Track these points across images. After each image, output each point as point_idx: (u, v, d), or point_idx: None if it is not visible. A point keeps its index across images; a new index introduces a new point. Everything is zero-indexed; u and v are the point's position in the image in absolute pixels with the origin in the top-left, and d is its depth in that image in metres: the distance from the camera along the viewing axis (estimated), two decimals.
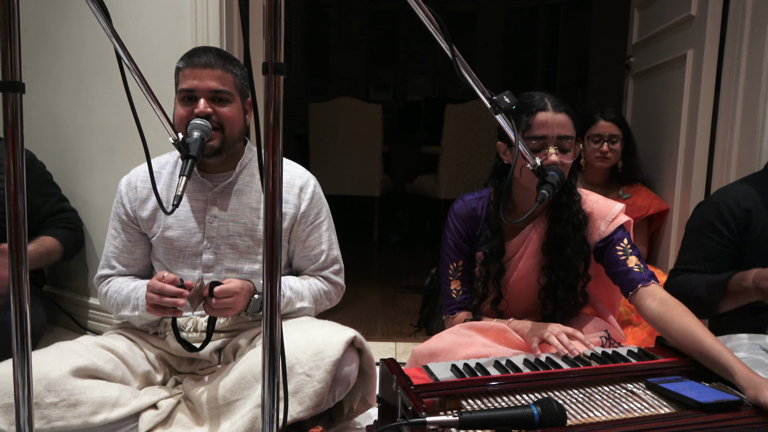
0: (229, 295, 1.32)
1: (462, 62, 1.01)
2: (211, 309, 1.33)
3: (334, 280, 1.60)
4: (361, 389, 1.46)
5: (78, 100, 2.22)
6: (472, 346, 1.31)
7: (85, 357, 1.33)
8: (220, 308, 1.32)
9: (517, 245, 1.47)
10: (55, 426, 1.24)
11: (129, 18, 2.04)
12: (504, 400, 1.06)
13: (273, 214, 0.75)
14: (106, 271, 1.54)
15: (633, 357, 1.23)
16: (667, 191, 2.35)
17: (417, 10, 0.93)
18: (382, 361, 1.20)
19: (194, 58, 1.39)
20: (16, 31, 0.78)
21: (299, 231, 1.53)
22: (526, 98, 1.38)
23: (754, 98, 1.87)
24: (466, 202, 1.51)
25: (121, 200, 1.51)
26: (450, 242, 1.51)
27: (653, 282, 1.32)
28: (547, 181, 1.21)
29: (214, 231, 1.47)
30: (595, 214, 1.46)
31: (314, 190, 1.54)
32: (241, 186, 1.49)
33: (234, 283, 1.34)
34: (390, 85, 6.53)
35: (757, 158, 1.84)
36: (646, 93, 2.67)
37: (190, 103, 1.38)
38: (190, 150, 1.17)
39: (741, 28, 1.91)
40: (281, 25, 0.72)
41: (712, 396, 1.02)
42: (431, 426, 0.89)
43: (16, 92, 0.79)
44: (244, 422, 1.26)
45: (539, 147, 1.34)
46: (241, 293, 1.35)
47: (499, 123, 1.13)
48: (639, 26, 2.76)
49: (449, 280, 1.52)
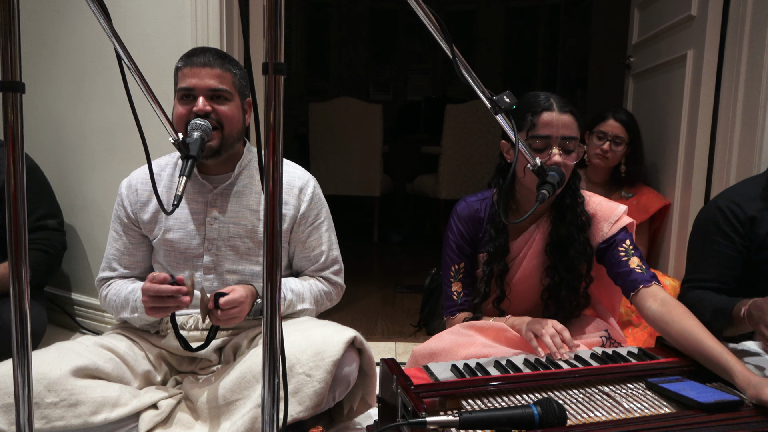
0: (235, 305, 1.33)
1: (462, 62, 1.01)
2: (217, 320, 1.33)
3: (335, 281, 1.60)
4: (361, 389, 1.46)
5: (78, 101, 2.22)
6: (472, 346, 1.31)
7: (85, 357, 1.33)
8: (226, 319, 1.32)
9: (520, 245, 1.47)
10: (55, 426, 1.24)
11: (129, 18, 2.04)
12: (504, 400, 1.06)
13: (273, 215, 0.75)
14: (107, 273, 1.54)
15: (633, 357, 1.23)
16: (668, 191, 2.35)
17: (417, 10, 0.93)
18: (382, 361, 1.20)
19: (193, 57, 1.39)
20: (16, 31, 0.78)
21: (299, 232, 1.53)
22: (533, 98, 1.38)
23: (754, 98, 1.87)
24: (469, 204, 1.51)
25: (122, 203, 1.51)
26: (452, 244, 1.51)
27: (655, 283, 1.32)
28: (547, 181, 1.21)
29: (214, 233, 1.47)
30: (598, 215, 1.46)
31: (314, 191, 1.54)
32: (241, 187, 1.49)
33: (238, 292, 1.34)
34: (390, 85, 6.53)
35: (757, 158, 1.84)
36: (646, 93, 2.66)
37: (189, 101, 1.38)
38: (190, 150, 1.17)
39: (741, 28, 1.91)
40: (281, 25, 0.72)
41: (713, 396, 1.02)
42: (431, 426, 0.89)
43: (16, 92, 0.79)
44: (244, 422, 1.26)
45: (543, 147, 1.34)
46: (246, 301, 1.35)
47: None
48: (639, 26, 2.76)
49: (450, 281, 1.52)
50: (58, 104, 2.28)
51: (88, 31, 2.14)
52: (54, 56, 2.25)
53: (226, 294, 1.33)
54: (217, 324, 1.35)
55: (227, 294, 1.33)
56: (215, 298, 1.32)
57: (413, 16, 0.98)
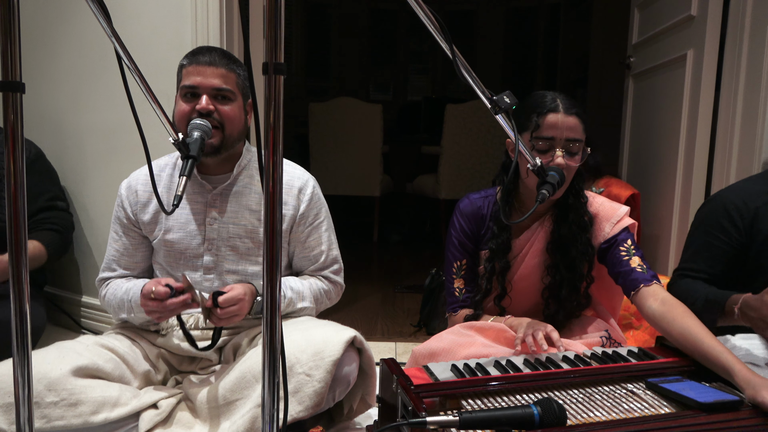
0: (234, 303, 1.33)
1: (462, 62, 1.01)
2: (218, 320, 1.33)
3: (334, 280, 1.60)
4: (361, 389, 1.46)
5: (78, 100, 2.22)
6: (472, 346, 1.31)
7: (85, 356, 1.33)
8: (226, 317, 1.32)
9: (523, 243, 1.47)
10: (55, 425, 1.24)
11: (129, 18, 2.04)
12: (504, 400, 1.06)
13: (273, 215, 0.75)
14: (106, 273, 1.54)
15: (633, 357, 1.23)
16: (667, 191, 2.35)
17: (417, 10, 0.93)
18: (382, 361, 1.20)
19: (199, 56, 1.40)
20: (16, 31, 0.78)
21: (299, 232, 1.53)
22: (539, 98, 1.37)
23: (754, 98, 1.87)
24: (472, 201, 1.51)
25: (122, 204, 1.51)
26: (455, 240, 1.51)
27: (655, 282, 1.32)
28: (547, 181, 1.21)
29: (214, 233, 1.47)
30: (600, 215, 1.46)
31: (313, 191, 1.54)
32: (240, 188, 1.49)
33: (237, 290, 1.34)
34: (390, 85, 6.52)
35: (758, 158, 1.84)
36: (646, 93, 2.66)
37: (192, 99, 1.38)
38: (191, 150, 1.17)
39: (741, 28, 1.91)
40: (281, 25, 0.72)
41: (713, 396, 1.02)
42: (431, 426, 0.89)
43: (16, 92, 0.79)
44: (244, 422, 1.26)
45: (547, 148, 1.34)
46: (245, 299, 1.35)
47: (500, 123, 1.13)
48: (639, 26, 2.76)
49: (453, 278, 1.52)
50: (58, 104, 2.28)
51: (89, 31, 2.14)
52: (54, 56, 2.25)
53: (225, 293, 1.33)
54: (218, 324, 1.35)
55: (226, 293, 1.33)
56: (214, 297, 1.32)
57: (413, 16, 0.98)
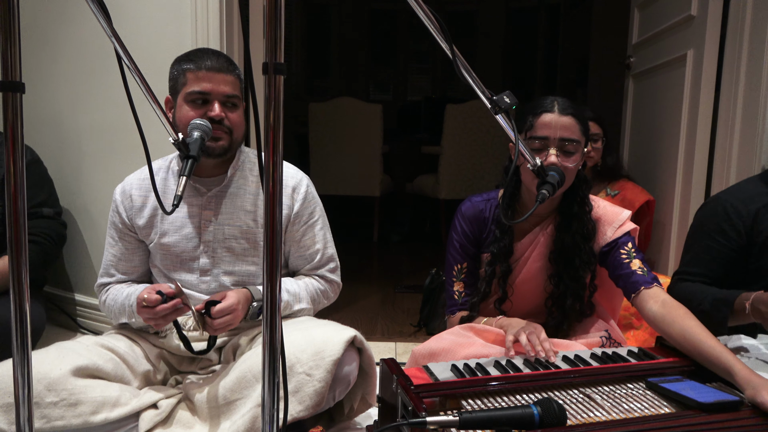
0: (228, 313, 1.33)
1: (462, 62, 1.01)
2: (213, 329, 1.33)
3: (330, 278, 1.60)
4: (361, 389, 1.46)
5: (78, 100, 2.22)
6: (472, 347, 1.31)
7: (85, 356, 1.33)
8: (220, 327, 1.32)
9: (524, 246, 1.47)
10: (55, 425, 1.24)
11: (129, 18, 2.04)
12: (504, 400, 1.06)
13: (273, 215, 0.75)
14: (105, 279, 1.54)
15: (633, 357, 1.23)
16: (667, 191, 2.35)
17: (417, 10, 0.93)
18: (382, 361, 1.20)
19: (204, 60, 1.38)
20: (16, 31, 0.78)
21: (294, 231, 1.53)
22: (539, 100, 1.39)
23: (754, 98, 1.87)
24: (474, 204, 1.51)
25: (117, 209, 1.51)
26: (456, 243, 1.51)
27: (656, 285, 1.32)
28: (547, 181, 1.21)
29: (210, 235, 1.47)
30: (602, 220, 1.46)
31: (307, 190, 1.54)
32: (235, 189, 1.49)
33: (230, 299, 1.34)
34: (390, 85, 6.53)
35: (757, 158, 1.84)
36: (646, 93, 2.66)
37: (202, 105, 1.37)
38: (191, 150, 1.17)
39: (741, 28, 1.91)
40: (281, 25, 0.72)
41: (713, 396, 1.02)
42: (431, 426, 0.89)
43: (16, 92, 0.79)
44: (244, 422, 1.26)
45: (541, 147, 1.34)
46: (238, 308, 1.35)
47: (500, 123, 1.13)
48: (639, 26, 2.76)
49: (453, 281, 1.52)
50: (58, 104, 2.28)
51: (88, 31, 2.14)
52: (54, 56, 2.25)
53: (218, 302, 1.33)
54: (213, 333, 1.35)
55: (219, 302, 1.33)
56: (207, 307, 1.32)
57: (413, 16, 0.98)
